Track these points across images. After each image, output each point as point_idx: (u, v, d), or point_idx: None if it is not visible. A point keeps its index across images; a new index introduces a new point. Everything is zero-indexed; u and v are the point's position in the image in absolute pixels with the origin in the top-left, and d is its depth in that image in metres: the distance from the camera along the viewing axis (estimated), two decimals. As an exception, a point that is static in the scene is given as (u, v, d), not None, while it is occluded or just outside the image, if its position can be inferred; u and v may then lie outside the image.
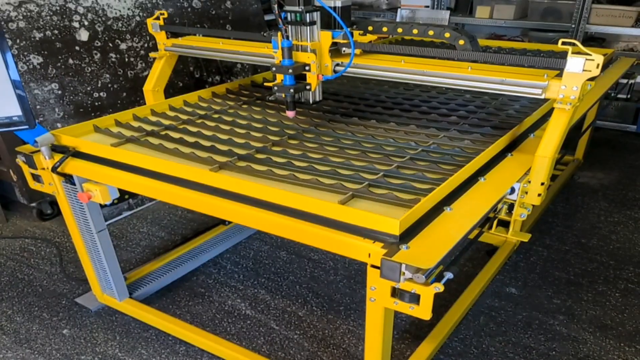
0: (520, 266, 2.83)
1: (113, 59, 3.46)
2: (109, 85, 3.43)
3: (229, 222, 3.13)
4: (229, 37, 2.63)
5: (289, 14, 2.06)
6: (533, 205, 1.86)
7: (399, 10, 5.75)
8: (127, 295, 2.46)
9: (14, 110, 1.68)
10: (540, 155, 1.77)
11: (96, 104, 3.37)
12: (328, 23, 2.15)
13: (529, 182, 1.81)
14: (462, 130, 2.14)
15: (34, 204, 3.33)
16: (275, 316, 2.47)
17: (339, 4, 2.13)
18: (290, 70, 2.06)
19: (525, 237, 1.95)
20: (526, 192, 1.82)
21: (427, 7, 5.74)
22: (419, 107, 2.45)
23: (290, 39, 2.07)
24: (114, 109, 3.45)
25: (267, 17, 5.03)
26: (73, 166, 2.05)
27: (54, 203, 3.43)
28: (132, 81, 3.55)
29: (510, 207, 1.86)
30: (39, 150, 2.10)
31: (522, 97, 2.51)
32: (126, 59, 3.53)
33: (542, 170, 1.78)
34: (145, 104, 3.33)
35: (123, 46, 3.52)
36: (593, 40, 5.14)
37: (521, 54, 2.76)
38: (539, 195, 1.82)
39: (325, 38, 2.10)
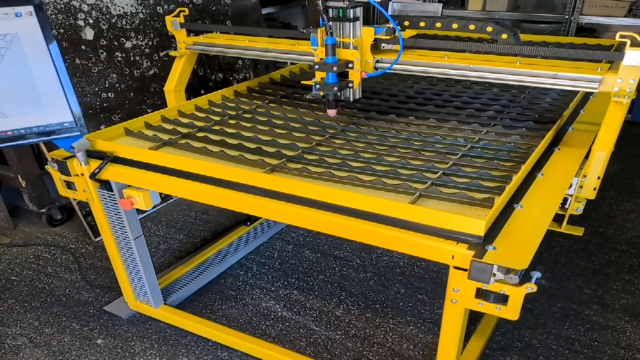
0: (545, 257, 2.85)
1: (119, 58, 3.36)
2: (116, 85, 3.33)
3: (251, 223, 3.08)
4: (257, 35, 2.57)
5: (331, 10, 2.01)
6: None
7: (390, 4, 5.72)
8: (162, 302, 2.40)
9: (64, 115, 1.60)
10: (598, 149, 1.78)
11: (105, 104, 3.27)
12: (366, 18, 2.12)
13: (585, 176, 1.82)
14: (506, 125, 2.13)
15: (43, 210, 3.22)
16: (313, 317, 2.44)
17: (377, -1, 2.10)
18: (335, 68, 2.02)
19: (579, 231, 1.95)
20: (581, 187, 1.83)
21: (419, 0, 5.74)
22: (451, 103, 2.43)
23: (333, 35, 2.03)
24: (122, 109, 3.35)
25: (264, 11, 4.98)
26: (112, 172, 1.98)
27: (63, 208, 3.32)
28: (139, 80, 3.46)
29: (564, 201, 1.87)
30: (72, 156, 2.02)
31: (552, 89, 2.55)
32: (132, 58, 3.43)
33: (600, 165, 1.79)
34: (151, 104, 3.26)
35: (128, 44, 3.42)
36: (584, 31, 5.20)
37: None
38: (595, 189, 1.83)
39: (367, 34, 2.07)
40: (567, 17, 4.88)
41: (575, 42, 2.94)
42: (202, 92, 3.90)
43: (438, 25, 2.18)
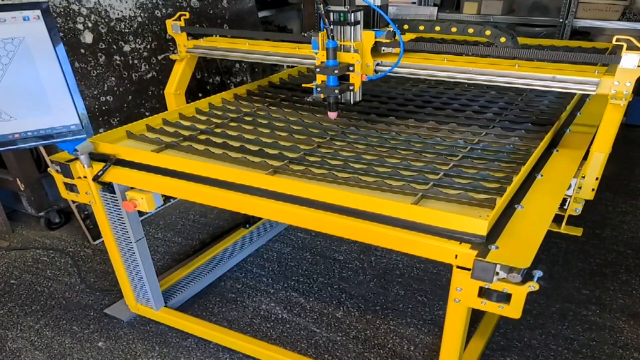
0: (542, 259, 2.88)
1: (117, 62, 3.36)
2: (115, 89, 3.34)
3: (249, 225, 3.09)
4: (257, 38, 2.58)
5: (332, 14, 2.03)
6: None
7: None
8: (163, 304, 2.40)
9: (71, 118, 1.61)
10: (596, 150, 1.80)
11: (103, 108, 3.27)
12: (366, 22, 2.14)
13: (583, 177, 1.84)
14: (505, 127, 2.16)
15: (42, 213, 3.22)
16: (314, 319, 2.45)
17: (377, 2, 2.12)
18: (336, 71, 2.04)
19: (578, 232, 1.98)
20: (579, 187, 1.86)
21: (414, 3, 5.77)
22: (450, 105, 2.46)
23: (335, 39, 2.05)
24: (121, 112, 3.36)
25: (260, 15, 5.00)
26: (115, 174, 1.98)
27: (61, 211, 3.32)
28: (137, 84, 3.47)
29: (563, 201, 1.89)
30: (74, 159, 2.02)
31: (549, 92, 2.58)
32: (130, 61, 3.44)
33: (598, 166, 1.81)
34: (150, 107, 3.28)
35: (126, 48, 3.43)
36: (579, 34, 5.25)
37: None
38: (593, 190, 1.86)
39: (368, 38, 2.09)
40: (561, 20, 4.92)
41: (571, 45, 2.98)
42: (200, 95, 3.91)
43: (437, 29, 2.20)
